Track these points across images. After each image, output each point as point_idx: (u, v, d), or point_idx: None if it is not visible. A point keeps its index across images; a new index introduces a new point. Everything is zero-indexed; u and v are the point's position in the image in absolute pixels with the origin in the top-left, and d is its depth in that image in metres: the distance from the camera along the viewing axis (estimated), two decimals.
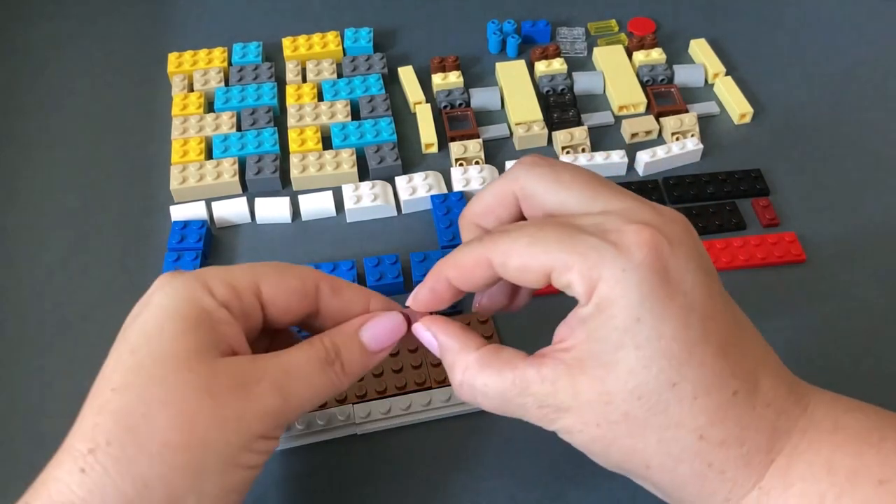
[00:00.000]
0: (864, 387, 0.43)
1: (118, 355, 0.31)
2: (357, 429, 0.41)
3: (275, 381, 0.32)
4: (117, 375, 0.30)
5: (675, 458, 0.30)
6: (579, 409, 0.30)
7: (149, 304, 0.32)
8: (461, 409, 0.42)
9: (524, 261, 0.31)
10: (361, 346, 0.34)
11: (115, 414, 0.29)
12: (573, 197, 0.33)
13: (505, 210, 0.35)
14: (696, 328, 0.29)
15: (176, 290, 0.32)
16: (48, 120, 0.60)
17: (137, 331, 0.31)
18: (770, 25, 0.66)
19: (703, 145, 0.55)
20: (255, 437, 0.31)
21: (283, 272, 0.34)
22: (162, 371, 0.30)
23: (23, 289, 0.49)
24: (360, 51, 0.63)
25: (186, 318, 0.31)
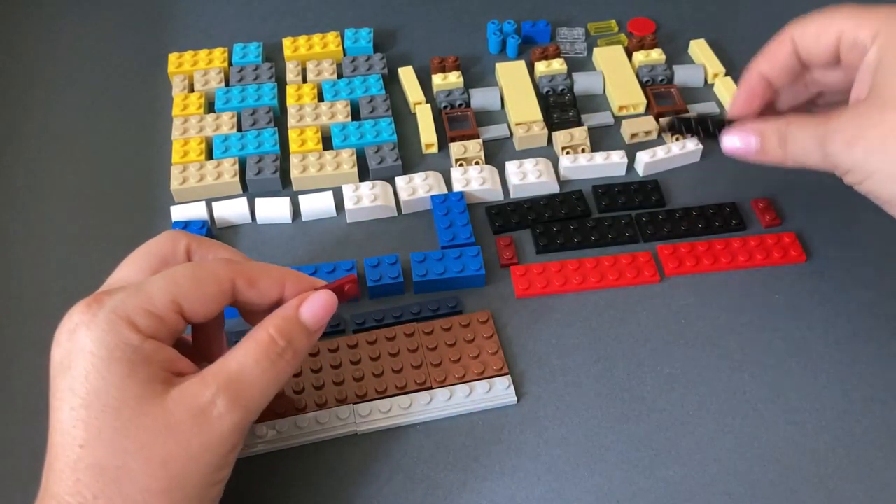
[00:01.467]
0: (864, 386, 0.43)
1: (71, 410, 0.31)
2: (357, 428, 0.41)
3: (230, 397, 0.32)
4: (80, 431, 0.30)
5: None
6: (858, 120, 0.37)
7: (79, 352, 0.31)
8: (462, 409, 0.42)
9: (822, 23, 0.40)
10: (305, 328, 0.35)
11: (93, 469, 0.30)
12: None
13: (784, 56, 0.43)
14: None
15: (103, 335, 0.31)
16: (48, 120, 0.60)
17: (81, 383, 0.31)
18: (770, 25, 0.65)
19: (702, 146, 0.55)
20: (223, 457, 0.32)
21: (200, 281, 0.34)
22: (122, 423, 0.31)
23: (23, 289, 0.49)
24: (361, 51, 0.63)
25: (122, 362, 0.31)
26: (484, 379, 0.42)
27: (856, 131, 0.36)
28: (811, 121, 0.39)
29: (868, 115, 0.36)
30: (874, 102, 0.36)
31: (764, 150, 0.40)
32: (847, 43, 0.39)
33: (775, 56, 0.42)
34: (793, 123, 0.39)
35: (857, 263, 0.48)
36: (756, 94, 0.43)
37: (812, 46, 0.41)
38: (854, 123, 0.37)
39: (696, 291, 0.47)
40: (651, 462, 0.40)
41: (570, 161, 0.54)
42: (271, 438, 0.40)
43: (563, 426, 0.41)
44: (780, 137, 0.40)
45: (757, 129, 0.41)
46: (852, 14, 0.39)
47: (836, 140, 0.37)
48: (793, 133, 0.39)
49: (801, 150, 0.39)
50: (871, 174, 0.37)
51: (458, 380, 0.42)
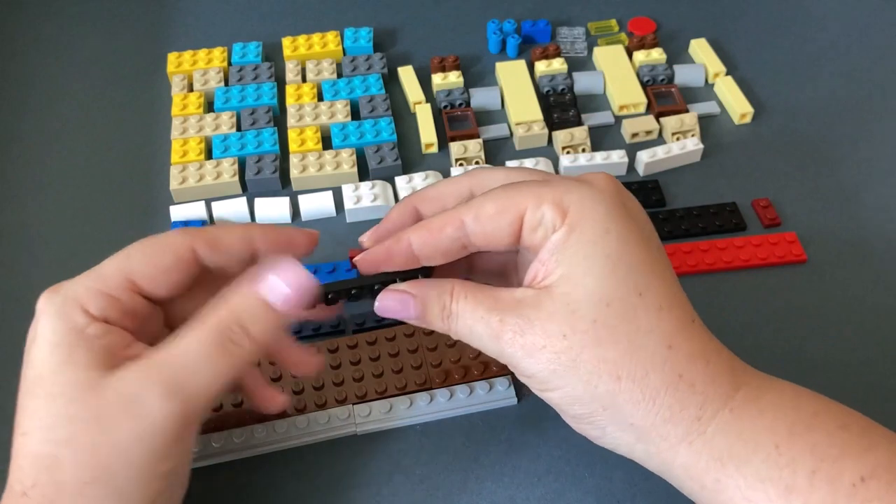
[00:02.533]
0: (864, 387, 0.43)
1: (22, 397, 0.31)
2: (357, 429, 0.41)
3: (166, 386, 0.30)
4: (24, 421, 0.30)
5: (646, 365, 0.30)
6: (542, 322, 0.31)
7: (35, 339, 0.31)
8: (462, 410, 0.42)
9: (500, 204, 0.32)
10: (267, 307, 0.32)
11: (29, 458, 0.30)
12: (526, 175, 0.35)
13: (451, 231, 0.34)
14: (655, 252, 0.32)
15: (54, 320, 0.31)
16: (47, 120, 0.60)
17: (30, 371, 0.31)
18: (770, 25, 0.66)
19: (703, 145, 0.55)
20: (162, 448, 0.30)
21: (154, 252, 0.33)
22: (56, 412, 0.30)
23: (23, 289, 0.49)
24: (360, 51, 0.63)
25: (61, 346, 0.30)
26: (484, 379, 0.42)
27: (542, 340, 0.31)
28: (483, 301, 0.32)
29: (556, 322, 0.31)
30: (563, 306, 0.31)
31: (424, 319, 0.34)
32: (533, 219, 0.32)
33: (436, 233, 0.33)
34: (461, 298, 0.33)
35: (857, 263, 0.48)
36: (392, 262, 0.34)
37: (489, 229, 0.33)
38: (539, 330, 0.31)
39: (697, 291, 0.47)
40: None
41: (571, 161, 0.54)
42: (271, 439, 0.40)
43: (563, 426, 0.41)
44: (443, 309, 0.33)
45: (419, 291, 0.33)
46: (534, 188, 0.32)
47: (515, 342, 0.31)
48: (460, 311, 0.33)
49: (468, 332, 0.33)
50: (558, 388, 0.32)
51: (459, 380, 0.42)
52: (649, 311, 0.31)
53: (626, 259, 0.31)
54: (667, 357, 0.31)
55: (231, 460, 0.40)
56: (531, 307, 0.31)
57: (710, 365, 0.31)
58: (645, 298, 0.31)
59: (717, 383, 0.31)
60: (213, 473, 0.40)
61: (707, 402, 0.31)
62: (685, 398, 0.31)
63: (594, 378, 0.31)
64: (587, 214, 0.31)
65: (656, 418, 0.31)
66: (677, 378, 0.31)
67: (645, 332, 0.31)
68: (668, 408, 0.31)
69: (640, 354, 0.30)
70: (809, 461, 0.30)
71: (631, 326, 0.30)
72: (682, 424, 0.31)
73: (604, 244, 0.31)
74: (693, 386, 0.31)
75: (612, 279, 0.31)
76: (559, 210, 0.31)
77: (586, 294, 0.31)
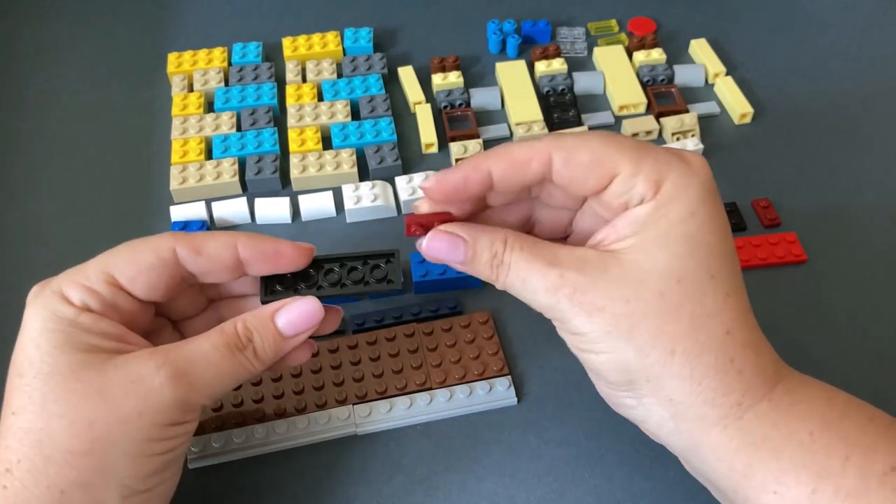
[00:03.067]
0: (863, 387, 0.43)
1: (10, 381, 0.32)
2: (357, 429, 0.41)
3: (175, 372, 0.32)
4: (14, 400, 0.31)
5: (702, 345, 0.31)
6: (607, 284, 0.31)
7: (23, 330, 0.33)
8: (462, 411, 0.42)
9: (597, 156, 0.32)
10: (275, 332, 0.34)
11: (18, 434, 0.31)
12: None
13: (537, 166, 0.33)
14: (730, 240, 0.33)
15: (38, 309, 0.32)
16: (47, 120, 0.60)
17: (19, 354, 0.32)
18: (770, 25, 0.66)
19: (703, 145, 0.55)
20: (160, 427, 0.32)
21: (135, 252, 0.34)
22: (51, 388, 0.31)
23: (23, 289, 0.49)
24: (360, 51, 0.63)
25: (55, 332, 0.32)
26: (484, 379, 0.42)
27: (603, 301, 0.31)
28: (540, 253, 0.32)
29: (620, 287, 0.31)
30: (632, 273, 0.31)
31: (472, 265, 0.33)
32: (618, 189, 0.32)
33: (521, 165, 0.33)
34: (516, 248, 0.32)
35: (857, 263, 0.48)
36: (469, 193, 0.34)
37: (575, 176, 0.33)
38: (602, 291, 0.31)
39: None
40: (651, 462, 0.40)
41: None
42: (271, 439, 0.40)
43: (563, 427, 0.41)
44: (494, 257, 0.33)
45: (471, 236, 0.33)
46: (634, 154, 0.32)
47: (573, 299, 0.31)
48: (514, 262, 0.32)
49: (520, 283, 0.33)
50: (606, 352, 0.32)
51: (459, 380, 0.42)
52: (717, 294, 0.31)
53: (706, 242, 0.31)
54: (724, 341, 0.31)
55: (231, 460, 0.40)
56: (596, 268, 0.31)
57: (760, 356, 0.32)
58: (715, 282, 0.31)
59: (762, 375, 0.32)
60: (213, 473, 0.40)
61: (750, 391, 0.31)
62: (731, 383, 0.31)
63: (647, 347, 0.31)
64: (679, 194, 0.31)
65: (698, 398, 0.31)
66: (728, 362, 0.31)
67: (708, 314, 0.31)
68: (712, 389, 0.31)
69: (700, 334, 0.31)
70: (842, 448, 0.30)
71: (697, 306, 0.31)
72: (721, 408, 0.31)
73: (687, 225, 0.31)
74: (741, 373, 0.31)
75: (688, 259, 0.31)
76: (653, 184, 0.32)
77: (659, 268, 0.31)
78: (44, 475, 0.30)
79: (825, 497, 0.30)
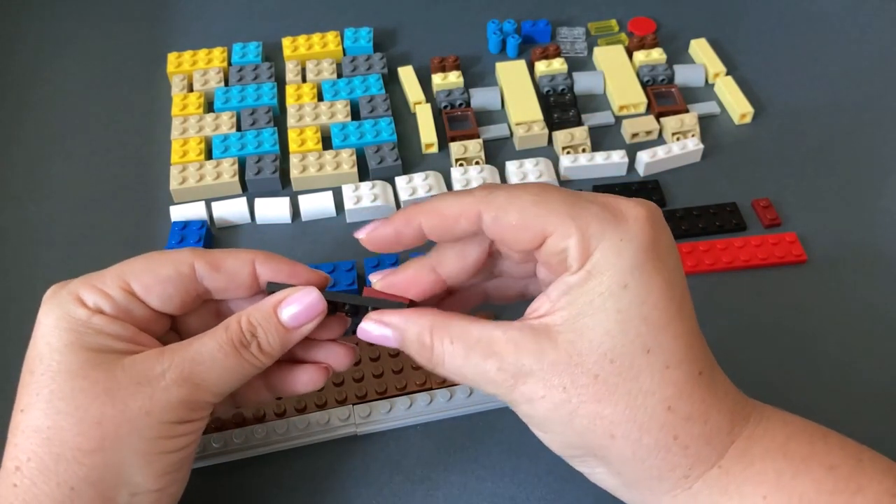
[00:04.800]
0: (864, 386, 0.43)
1: (22, 379, 0.32)
2: (357, 429, 0.41)
3: (181, 372, 0.32)
4: (24, 397, 0.32)
5: (642, 427, 0.30)
6: (543, 373, 0.30)
7: (37, 325, 0.33)
8: (462, 411, 0.42)
9: (524, 219, 0.31)
10: (279, 325, 0.34)
11: (27, 432, 0.31)
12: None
13: (465, 224, 0.32)
14: (676, 302, 0.30)
15: (53, 308, 0.33)
16: (48, 120, 0.60)
17: (31, 352, 0.32)
18: (770, 25, 0.66)
19: (703, 145, 0.55)
20: (169, 425, 0.32)
21: (153, 263, 0.34)
22: (59, 385, 0.31)
23: (23, 289, 0.49)
24: (360, 51, 0.63)
25: (67, 332, 0.32)
26: None
27: (542, 390, 0.30)
28: (474, 345, 0.31)
29: (556, 374, 0.30)
30: (566, 356, 0.30)
31: (407, 352, 0.33)
32: (553, 248, 0.31)
33: (451, 220, 0.32)
34: (446, 341, 0.31)
35: (857, 263, 0.48)
36: (399, 244, 0.34)
37: (505, 236, 0.32)
38: (540, 381, 0.30)
39: (697, 292, 0.46)
40: None
41: (571, 161, 0.54)
42: (271, 439, 0.40)
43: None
44: (424, 348, 0.32)
45: (399, 325, 0.32)
46: (564, 215, 0.30)
47: (515, 390, 0.30)
48: (447, 354, 0.31)
49: (459, 376, 0.32)
50: (551, 432, 0.31)
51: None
52: (654, 370, 0.30)
53: (640, 315, 0.30)
54: (664, 420, 0.30)
55: (231, 460, 0.40)
56: (532, 355, 0.30)
57: (708, 424, 0.30)
58: (651, 356, 0.30)
59: (711, 444, 0.31)
60: (213, 473, 0.40)
61: (697, 463, 0.31)
62: (676, 460, 0.30)
63: (588, 433, 0.30)
64: (610, 265, 0.30)
65: (644, 474, 0.31)
66: (672, 440, 0.30)
67: (645, 393, 0.30)
68: (657, 468, 0.30)
69: (638, 415, 0.30)
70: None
71: (633, 385, 0.30)
72: (668, 481, 0.31)
73: (618, 299, 0.29)
74: (686, 448, 0.30)
75: (620, 336, 0.29)
76: (583, 250, 0.30)
77: (591, 347, 0.30)
78: (53, 473, 0.30)
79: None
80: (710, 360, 0.32)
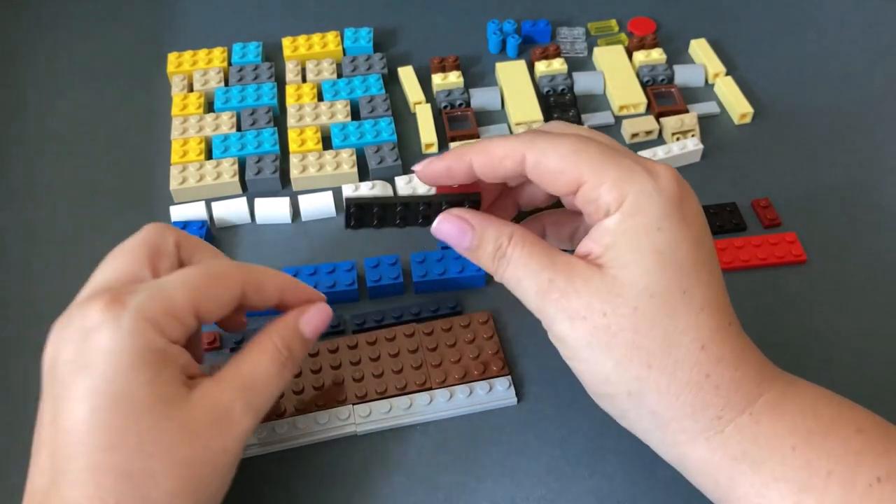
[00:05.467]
0: (864, 386, 0.43)
1: (92, 412, 0.30)
2: (357, 429, 0.41)
3: (246, 400, 0.33)
4: (102, 434, 0.30)
5: (676, 361, 0.31)
6: (589, 295, 0.32)
7: (100, 353, 0.30)
8: (462, 411, 0.42)
9: (562, 165, 0.33)
10: (303, 338, 0.36)
11: (112, 474, 0.30)
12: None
13: (511, 164, 0.34)
14: (705, 254, 0.33)
15: (129, 337, 0.31)
16: (47, 120, 0.60)
17: (106, 384, 0.30)
18: (770, 25, 0.66)
19: (703, 145, 0.55)
20: (238, 458, 0.33)
21: (217, 286, 0.34)
22: (144, 425, 0.30)
23: (22, 289, 0.49)
24: (360, 51, 0.63)
25: (149, 366, 0.31)
26: (484, 379, 0.42)
27: (585, 310, 0.32)
28: (539, 255, 0.33)
29: (599, 300, 0.32)
30: (610, 287, 0.32)
31: (476, 253, 0.35)
32: (587, 196, 0.33)
33: (497, 160, 0.34)
34: (518, 246, 0.34)
35: (857, 263, 0.48)
36: (452, 179, 0.36)
37: (544, 179, 0.34)
38: (584, 301, 0.32)
39: None
40: (651, 462, 0.40)
41: None
42: (271, 439, 0.40)
43: (563, 426, 0.41)
44: (498, 250, 0.34)
45: (480, 226, 0.35)
46: (598, 164, 0.32)
47: (559, 304, 0.32)
48: (514, 259, 0.34)
49: (515, 281, 0.34)
50: (586, 361, 0.33)
51: (459, 380, 0.42)
52: (689, 310, 0.32)
53: (675, 257, 0.32)
54: (698, 357, 0.31)
55: None
56: (581, 277, 0.32)
57: (738, 371, 0.32)
58: (687, 297, 0.32)
59: (741, 390, 0.32)
60: None
61: (728, 406, 0.32)
62: (708, 399, 0.32)
63: (625, 361, 0.32)
64: (643, 209, 0.32)
65: (678, 412, 0.32)
66: (704, 378, 0.31)
67: (682, 330, 0.31)
68: (690, 405, 0.32)
69: (674, 350, 0.31)
70: (825, 463, 0.30)
71: (669, 321, 0.31)
72: (701, 421, 0.32)
73: (654, 240, 0.32)
74: (717, 388, 0.32)
75: (658, 274, 0.31)
76: (617, 195, 0.32)
77: (632, 282, 0.31)
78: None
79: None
80: (736, 319, 0.33)
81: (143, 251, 0.35)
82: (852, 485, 0.30)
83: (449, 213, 0.35)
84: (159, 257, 0.36)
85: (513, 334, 0.45)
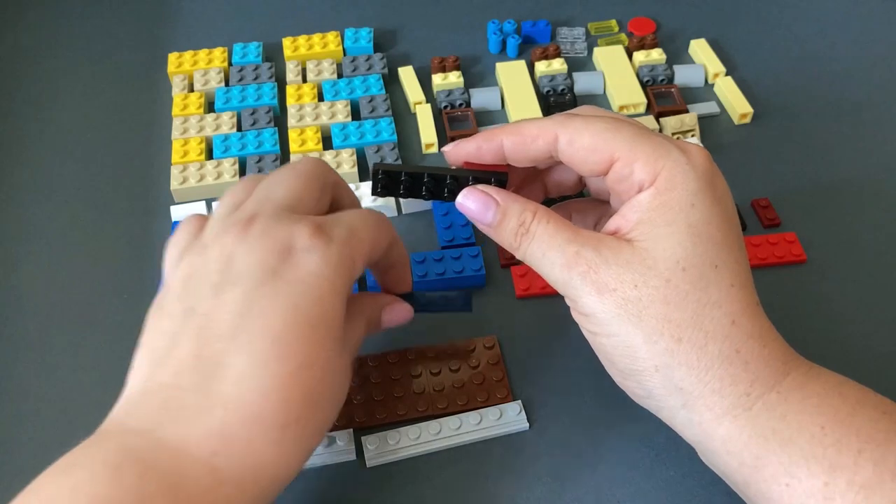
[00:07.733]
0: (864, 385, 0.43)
1: (295, 325, 0.31)
2: (368, 462, 0.40)
3: (364, 317, 0.37)
4: (301, 348, 0.31)
5: (707, 334, 0.31)
6: (618, 267, 0.32)
7: (311, 274, 0.32)
8: (465, 437, 0.41)
9: (596, 142, 0.33)
10: (378, 324, 0.38)
11: (303, 389, 0.31)
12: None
13: (542, 144, 0.35)
14: (734, 232, 0.33)
15: (335, 268, 0.32)
16: (48, 120, 0.60)
17: (310, 305, 0.31)
18: (770, 25, 0.66)
19: (703, 145, 0.55)
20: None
21: (384, 234, 0.36)
22: (332, 345, 0.32)
23: (23, 288, 0.49)
24: (361, 51, 0.63)
25: (342, 300, 0.33)
26: (492, 406, 0.41)
27: (614, 282, 0.32)
28: (563, 230, 0.33)
29: (630, 271, 0.32)
30: (641, 258, 0.32)
31: (498, 229, 0.35)
32: (619, 174, 0.33)
33: (529, 140, 0.35)
34: (542, 221, 0.34)
35: (857, 263, 0.48)
36: (482, 159, 0.37)
37: (576, 158, 0.34)
38: (613, 272, 0.32)
39: None
40: (651, 462, 0.40)
41: None
42: None
43: (563, 427, 0.41)
44: (521, 225, 0.34)
45: (504, 202, 0.35)
46: (632, 142, 0.33)
47: (587, 276, 0.32)
48: (539, 233, 0.34)
49: (539, 255, 0.34)
50: (614, 335, 0.32)
51: (462, 407, 0.41)
52: (721, 285, 0.32)
53: (708, 233, 0.32)
54: (728, 332, 0.32)
55: None
56: (610, 249, 0.32)
57: (766, 348, 0.32)
58: (719, 272, 0.32)
59: (769, 366, 0.32)
60: None
61: (757, 382, 0.32)
62: (737, 374, 0.32)
63: (655, 334, 0.32)
64: (677, 184, 0.32)
65: (706, 387, 0.32)
66: (734, 353, 0.32)
67: (713, 304, 0.32)
68: (719, 379, 0.32)
69: (705, 323, 0.31)
70: (855, 442, 0.30)
71: (702, 295, 0.32)
72: (729, 397, 0.32)
73: (688, 214, 0.32)
74: (747, 364, 0.32)
75: (690, 248, 0.32)
76: (650, 171, 0.33)
77: (664, 254, 0.32)
78: (308, 429, 0.32)
79: (838, 490, 0.30)
80: (759, 300, 0.34)
81: (316, 184, 0.36)
82: (883, 463, 0.30)
83: (474, 188, 0.36)
84: (325, 192, 0.37)
85: (513, 334, 0.45)
